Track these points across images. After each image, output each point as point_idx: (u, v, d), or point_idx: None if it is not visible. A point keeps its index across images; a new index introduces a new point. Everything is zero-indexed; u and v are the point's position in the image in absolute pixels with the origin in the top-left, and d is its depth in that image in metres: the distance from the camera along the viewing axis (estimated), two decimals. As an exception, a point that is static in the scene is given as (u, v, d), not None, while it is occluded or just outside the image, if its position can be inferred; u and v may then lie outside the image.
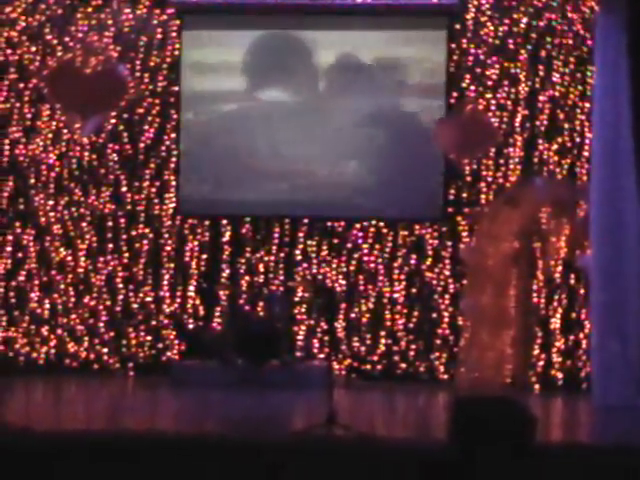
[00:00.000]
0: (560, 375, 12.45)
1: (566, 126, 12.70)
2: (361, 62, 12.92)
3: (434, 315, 12.74)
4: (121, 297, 13.00)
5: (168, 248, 13.05)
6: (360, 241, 12.88)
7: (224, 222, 13.04)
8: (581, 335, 12.40)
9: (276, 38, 13.07)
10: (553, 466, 6.51)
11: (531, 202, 12.20)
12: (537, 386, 12.35)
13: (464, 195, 12.84)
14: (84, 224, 13.05)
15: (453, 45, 12.83)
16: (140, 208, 13.06)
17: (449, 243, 12.84)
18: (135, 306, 12.99)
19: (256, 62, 13.02)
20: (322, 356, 12.67)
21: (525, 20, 12.72)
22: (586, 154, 12.43)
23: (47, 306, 13.00)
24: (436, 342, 12.74)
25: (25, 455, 7.19)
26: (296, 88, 13.05)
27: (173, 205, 13.06)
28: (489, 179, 12.80)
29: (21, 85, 13.04)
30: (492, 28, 12.77)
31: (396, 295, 12.85)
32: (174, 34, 13.07)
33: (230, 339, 12.15)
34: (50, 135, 13.07)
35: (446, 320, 12.74)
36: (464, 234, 12.78)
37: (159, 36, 13.07)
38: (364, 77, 12.93)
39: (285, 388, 11.53)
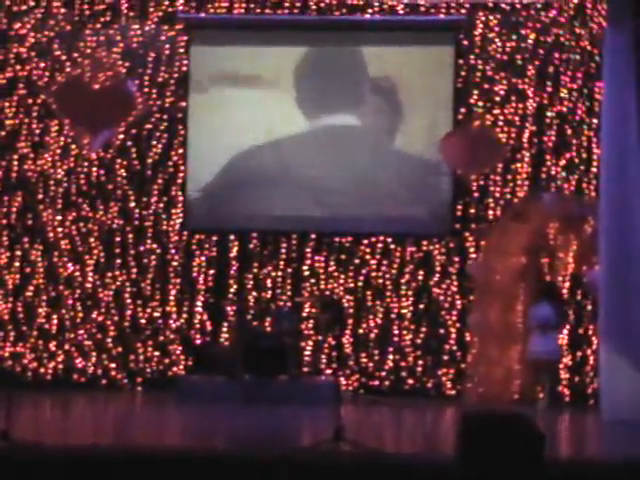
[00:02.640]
0: (567, 391, 12.41)
1: (574, 142, 12.70)
2: (366, 78, 12.94)
3: (442, 331, 12.71)
4: (129, 312, 13.01)
5: (175, 263, 13.06)
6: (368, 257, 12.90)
7: (231, 237, 13.05)
8: (589, 351, 12.36)
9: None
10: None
11: (539, 217, 12.20)
12: (544, 402, 12.30)
13: (472, 211, 12.83)
14: (92, 239, 13.07)
15: (461, 61, 12.85)
16: (148, 223, 13.08)
17: (457, 259, 12.83)
18: (143, 321, 13.00)
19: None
20: (329, 372, 12.65)
21: (533, 36, 12.74)
22: (594, 170, 12.43)
23: (55, 321, 13.01)
24: (444, 358, 12.71)
25: (33, 469, 7.18)
26: (301, 106, 13.05)
27: (180, 220, 13.08)
28: (497, 195, 12.80)
29: (30, 101, 13.09)
30: (500, 44, 12.80)
31: (404, 311, 12.84)
32: (182, 49, 13.12)
33: (237, 354, 12.14)
34: (58, 150, 13.11)
35: (454, 336, 12.72)
36: (472, 250, 12.77)
37: (167, 52, 13.10)
38: (369, 92, 12.93)
39: (292, 403, 11.50)
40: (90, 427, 10.47)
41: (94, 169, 13.11)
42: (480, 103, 12.82)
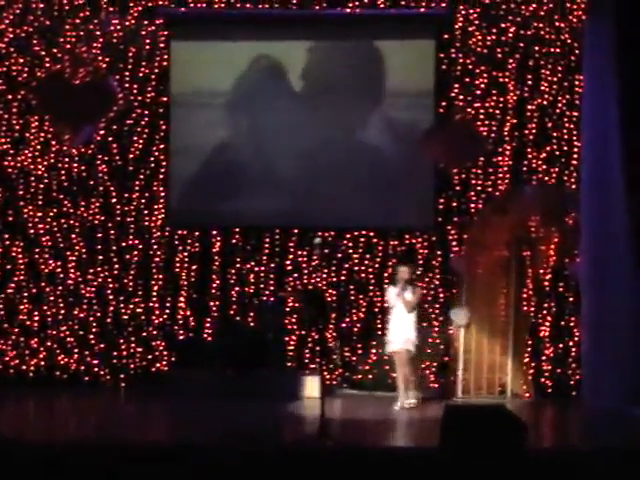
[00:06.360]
0: (550, 383, 12.45)
1: (555, 134, 12.74)
2: (348, 72, 12.93)
3: (424, 324, 12.71)
4: (111, 308, 12.98)
5: (157, 259, 13.03)
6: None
7: (214, 232, 13.03)
8: (571, 343, 12.40)
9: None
10: (544, 471, 6.51)
11: (520, 210, 12.23)
12: (527, 393, 12.34)
13: (454, 204, 12.85)
14: (73, 235, 13.02)
15: (442, 54, 12.85)
16: (130, 219, 13.05)
17: (439, 252, 12.84)
18: (125, 317, 12.96)
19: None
20: (313, 366, 12.65)
21: (513, 29, 12.76)
22: (575, 162, 12.46)
23: (37, 318, 12.96)
24: (427, 351, 12.71)
25: (15, 467, 7.16)
26: (283, 100, 13.05)
27: (162, 216, 13.04)
28: (478, 188, 12.81)
29: (9, 96, 13.02)
30: (480, 37, 12.81)
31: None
32: (163, 45, 13.08)
33: (221, 349, 12.13)
34: (39, 146, 13.05)
35: (437, 329, 12.72)
36: (454, 243, 12.79)
37: (148, 47, 13.06)
38: (351, 87, 12.93)
39: (275, 398, 11.50)
40: (73, 424, 10.45)
41: (75, 165, 13.06)
42: (461, 96, 12.83)
